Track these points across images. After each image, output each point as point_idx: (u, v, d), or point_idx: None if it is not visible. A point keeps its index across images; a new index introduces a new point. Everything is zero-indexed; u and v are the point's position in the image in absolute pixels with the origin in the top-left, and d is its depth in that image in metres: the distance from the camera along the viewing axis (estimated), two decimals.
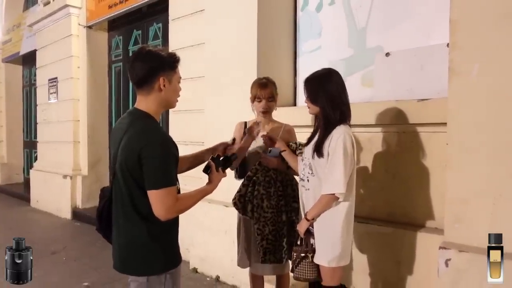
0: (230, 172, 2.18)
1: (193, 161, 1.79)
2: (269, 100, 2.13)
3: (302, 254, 1.81)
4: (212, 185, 1.56)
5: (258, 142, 2.15)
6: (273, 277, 2.30)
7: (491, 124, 1.70)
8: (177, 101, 1.54)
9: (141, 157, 1.34)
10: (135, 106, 1.49)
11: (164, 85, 1.43)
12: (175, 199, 1.38)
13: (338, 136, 1.73)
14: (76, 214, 5.50)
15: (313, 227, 1.82)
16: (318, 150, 1.77)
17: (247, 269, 2.26)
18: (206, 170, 1.57)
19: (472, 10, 1.77)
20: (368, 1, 2.77)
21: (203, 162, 1.65)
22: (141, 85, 1.44)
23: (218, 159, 1.60)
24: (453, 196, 1.81)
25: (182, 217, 1.55)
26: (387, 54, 2.66)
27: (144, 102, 1.46)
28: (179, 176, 1.58)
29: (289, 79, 3.24)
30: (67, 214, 5.60)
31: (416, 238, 2.18)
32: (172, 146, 1.42)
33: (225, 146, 1.84)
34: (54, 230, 5.07)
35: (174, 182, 1.40)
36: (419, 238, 2.17)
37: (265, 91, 2.13)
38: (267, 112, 2.16)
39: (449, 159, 1.83)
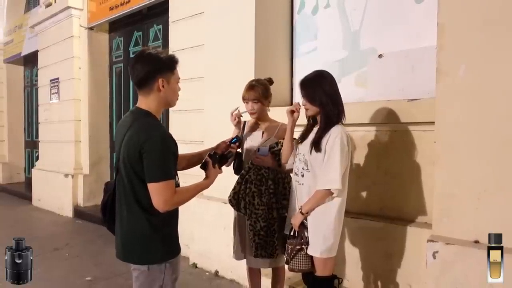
0: (228, 170, 2.28)
1: (191, 158, 1.87)
2: (254, 102, 2.18)
3: (298, 247, 1.89)
4: (208, 180, 1.64)
5: (254, 141, 2.24)
6: (270, 271, 2.38)
7: (476, 122, 1.78)
8: (176, 99, 1.62)
9: (142, 152, 1.42)
10: (136, 105, 1.58)
11: (163, 86, 1.52)
12: (173, 192, 1.46)
13: (336, 135, 1.81)
14: (78, 212, 5.57)
15: (306, 220, 1.90)
16: (317, 146, 1.84)
17: (245, 264, 2.34)
18: (203, 166, 1.65)
19: (458, 14, 1.85)
20: (362, 4, 2.85)
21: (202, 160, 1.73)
22: (142, 86, 1.53)
23: (215, 156, 1.68)
24: (441, 191, 1.89)
25: (182, 214, 1.63)
26: (380, 56, 2.75)
27: (145, 102, 1.55)
28: (179, 173, 1.66)
29: (286, 79, 3.32)
30: (68, 212, 5.67)
31: (407, 232, 2.26)
32: (171, 142, 1.50)
33: (226, 144, 1.91)
34: (56, 228, 5.15)
35: (172, 176, 1.48)
36: (410, 232, 2.26)
37: (249, 93, 2.18)
38: (253, 113, 2.22)
39: (436, 157, 1.91)
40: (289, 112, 1.98)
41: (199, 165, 1.67)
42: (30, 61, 7.64)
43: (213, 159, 1.66)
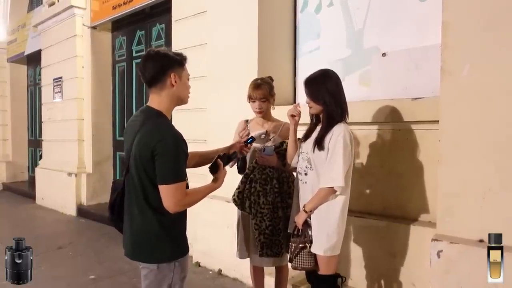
0: (231, 169, 2.28)
1: (202, 159, 1.87)
2: (261, 100, 2.18)
3: (301, 245, 1.89)
4: (219, 182, 1.64)
5: (257, 140, 2.23)
6: (273, 269, 2.38)
7: (480, 121, 1.78)
8: (188, 97, 1.63)
9: (154, 153, 1.42)
10: (147, 104, 1.58)
11: (175, 81, 1.53)
12: (184, 194, 1.48)
13: (339, 133, 1.82)
14: (81, 211, 5.59)
15: (310, 219, 1.91)
16: (319, 144, 1.85)
17: (248, 263, 2.34)
18: (215, 169, 1.63)
19: (463, 13, 1.84)
20: (366, 3, 2.85)
21: (211, 160, 1.72)
22: (154, 83, 1.53)
23: (224, 158, 1.67)
24: (445, 190, 1.89)
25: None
26: (384, 54, 2.74)
27: (157, 100, 1.54)
28: (187, 171, 1.66)
29: (289, 78, 3.32)
30: (72, 211, 5.70)
31: (410, 231, 2.26)
32: (182, 143, 1.50)
33: (241, 144, 1.95)
34: (60, 227, 5.18)
35: (184, 177, 1.49)
36: (413, 231, 2.25)
37: (257, 92, 2.18)
38: (261, 112, 2.22)
39: (441, 155, 1.91)
40: (290, 116, 2.01)
41: (209, 168, 1.64)
42: (33, 60, 7.67)
43: (224, 161, 1.65)
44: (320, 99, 1.87)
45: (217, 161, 1.64)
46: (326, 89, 1.86)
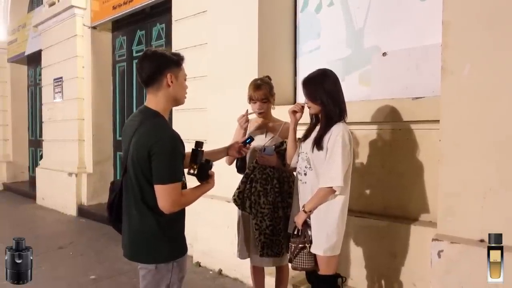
0: (231, 169, 2.28)
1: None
2: (262, 101, 2.18)
3: (301, 245, 1.89)
4: (211, 183, 1.63)
5: (258, 140, 2.23)
6: (274, 269, 2.38)
7: (481, 121, 1.78)
8: (185, 97, 1.62)
9: (151, 153, 1.42)
10: (145, 104, 1.58)
11: (171, 81, 1.52)
12: (180, 194, 1.48)
13: (338, 132, 1.81)
14: (81, 211, 5.60)
15: (310, 219, 1.90)
16: (318, 143, 1.85)
17: (248, 263, 2.34)
18: (206, 176, 1.59)
19: (464, 12, 1.84)
20: (366, 2, 2.84)
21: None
22: (151, 83, 1.53)
23: (208, 164, 1.62)
24: (446, 190, 1.88)
25: (185, 213, 1.63)
26: (384, 54, 2.74)
27: (154, 100, 1.54)
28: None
29: (289, 78, 3.31)
30: (72, 211, 5.70)
31: (411, 231, 2.26)
32: (179, 144, 1.50)
33: (240, 145, 1.95)
34: (61, 227, 5.18)
35: (180, 178, 1.49)
36: (414, 231, 2.25)
37: (258, 92, 2.17)
38: (262, 113, 2.22)
39: (441, 155, 1.90)
40: (291, 112, 2.00)
41: (200, 177, 1.59)
42: (34, 60, 7.67)
43: (208, 167, 1.61)
44: (318, 99, 1.87)
45: (210, 173, 1.60)
46: (323, 89, 1.86)
